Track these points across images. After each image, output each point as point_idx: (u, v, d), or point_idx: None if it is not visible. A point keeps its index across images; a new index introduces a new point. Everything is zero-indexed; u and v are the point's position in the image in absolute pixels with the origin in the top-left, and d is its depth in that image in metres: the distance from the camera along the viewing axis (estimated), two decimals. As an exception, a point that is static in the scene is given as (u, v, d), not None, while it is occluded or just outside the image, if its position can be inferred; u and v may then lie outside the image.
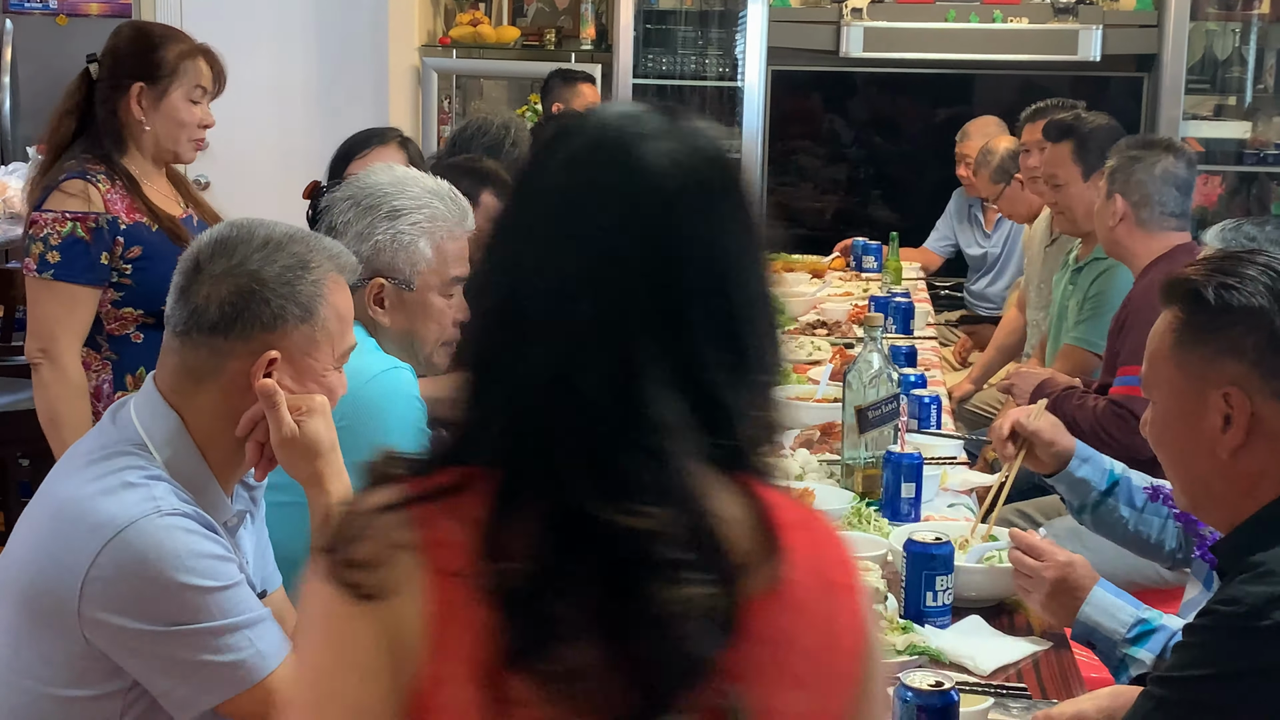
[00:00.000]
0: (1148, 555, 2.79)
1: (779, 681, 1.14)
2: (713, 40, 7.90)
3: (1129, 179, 3.93)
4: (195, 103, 3.50)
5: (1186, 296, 1.88)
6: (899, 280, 5.98)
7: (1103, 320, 4.33)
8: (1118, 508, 2.73)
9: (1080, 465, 2.74)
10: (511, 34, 7.94)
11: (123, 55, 3.47)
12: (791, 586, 1.15)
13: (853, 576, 1.22)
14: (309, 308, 1.96)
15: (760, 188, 7.71)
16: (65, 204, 3.33)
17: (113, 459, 1.91)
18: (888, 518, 2.92)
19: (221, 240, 1.96)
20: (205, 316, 1.92)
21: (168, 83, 3.45)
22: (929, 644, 2.30)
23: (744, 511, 1.15)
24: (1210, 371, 1.85)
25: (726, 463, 1.15)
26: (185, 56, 3.47)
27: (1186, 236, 4.00)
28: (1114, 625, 2.28)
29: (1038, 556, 2.37)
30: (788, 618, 1.15)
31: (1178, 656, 1.75)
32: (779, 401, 1.22)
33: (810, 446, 3.44)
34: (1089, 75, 7.57)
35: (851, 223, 7.60)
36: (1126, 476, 2.74)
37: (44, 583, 1.85)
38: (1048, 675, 2.29)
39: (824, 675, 1.17)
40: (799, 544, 1.17)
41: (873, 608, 1.25)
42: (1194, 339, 1.87)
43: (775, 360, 1.21)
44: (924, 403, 3.62)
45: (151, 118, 3.45)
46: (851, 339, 4.83)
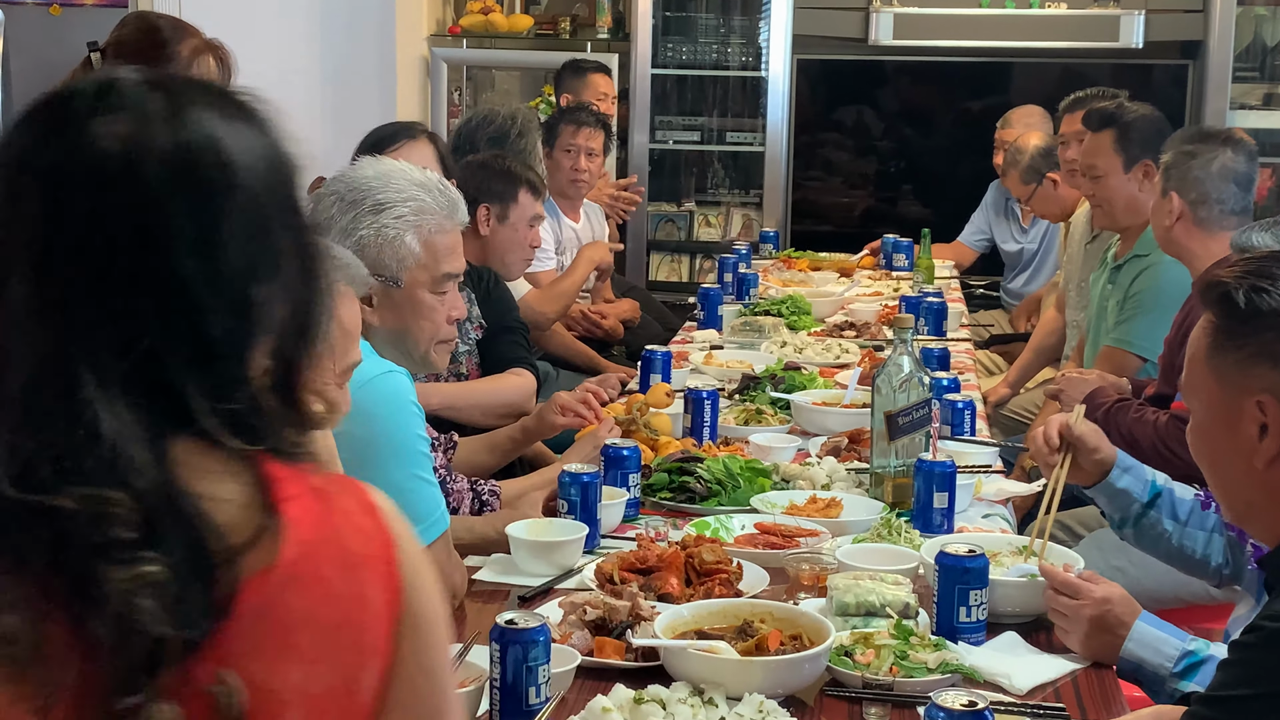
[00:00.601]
0: (1192, 571, 2.78)
1: (280, 659, 1.16)
2: (735, 28, 7.90)
3: (1185, 176, 3.89)
4: None
5: (1219, 300, 1.87)
6: (931, 279, 5.98)
7: (1144, 320, 4.31)
8: (1160, 520, 2.72)
9: (1121, 475, 2.73)
10: (524, 22, 7.95)
11: (130, 48, 3.48)
12: (296, 562, 1.17)
13: (382, 547, 1.23)
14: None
15: (785, 182, 7.71)
16: None
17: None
18: (919, 529, 2.92)
19: None
20: None
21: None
22: (962, 661, 2.30)
23: (237, 489, 1.18)
24: (1244, 378, 1.84)
25: (226, 441, 1.18)
26: (198, 52, 3.47)
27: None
28: (1159, 660, 2.28)
29: (1073, 595, 2.36)
30: (292, 594, 1.17)
31: (1222, 674, 1.75)
32: (298, 384, 1.26)
33: (837, 454, 3.44)
34: (1131, 63, 7.56)
35: (881, 219, 7.59)
36: (1169, 488, 2.73)
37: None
38: (1087, 695, 2.28)
39: (342, 650, 1.18)
40: (309, 518, 1.19)
41: (420, 576, 1.25)
42: (1227, 344, 1.86)
43: (247, 345, 1.22)
44: (957, 408, 3.61)
45: None
46: (881, 341, 4.83)
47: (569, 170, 5.73)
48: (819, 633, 2.29)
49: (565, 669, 2.19)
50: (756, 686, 2.15)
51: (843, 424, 3.67)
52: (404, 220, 2.63)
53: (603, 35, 7.95)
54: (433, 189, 2.69)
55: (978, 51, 7.68)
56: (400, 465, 2.41)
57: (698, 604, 2.42)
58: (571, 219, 5.81)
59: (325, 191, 2.66)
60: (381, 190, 2.63)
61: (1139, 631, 2.31)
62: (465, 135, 5.10)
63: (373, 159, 2.79)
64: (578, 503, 2.85)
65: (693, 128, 7.97)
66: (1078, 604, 2.36)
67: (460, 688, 2.11)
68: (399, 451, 2.43)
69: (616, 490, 3.02)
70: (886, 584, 2.48)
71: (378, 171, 2.68)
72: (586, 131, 5.78)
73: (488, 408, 3.81)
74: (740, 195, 8.12)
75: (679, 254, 8.13)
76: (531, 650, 2.06)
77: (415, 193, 2.65)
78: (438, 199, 2.68)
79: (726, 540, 2.84)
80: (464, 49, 7.92)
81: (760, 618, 2.34)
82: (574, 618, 2.37)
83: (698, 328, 5.14)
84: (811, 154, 8.10)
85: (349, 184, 2.65)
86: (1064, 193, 5.94)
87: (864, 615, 2.42)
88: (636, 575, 2.58)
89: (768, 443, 3.49)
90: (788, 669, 2.21)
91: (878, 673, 2.25)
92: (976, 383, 4.63)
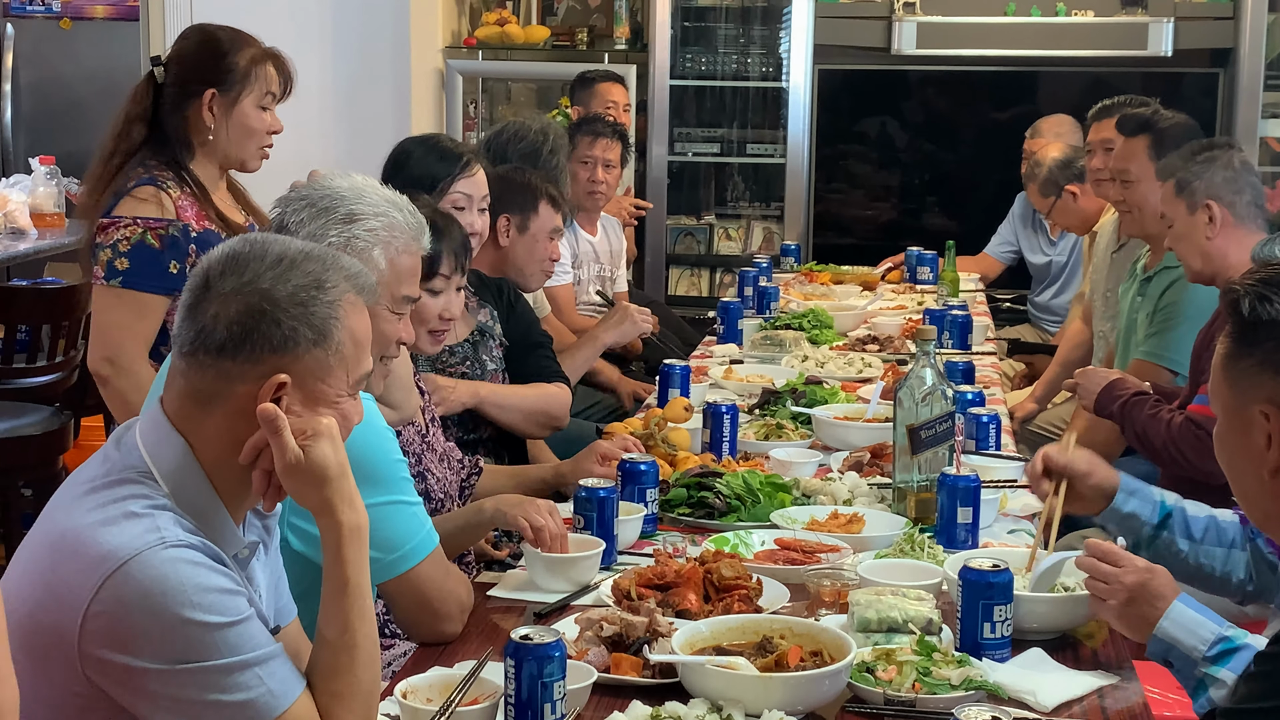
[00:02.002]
0: (1214, 590, 2.77)
1: None
2: (755, 38, 7.91)
3: (1213, 181, 3.88)
4: (265, 109, 3.60)
5: (1231, 307, 1.89)
6: (956, 292, 5.97)
7: (1175, 333, 4.30)
8: (1174, 541, 2.72)
9: (1127, 499, 2.73)
10: (541, 34, 7.97)
11: (191, 60, 3.58)
12: None
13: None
14: (323, 330, 1.96)
15: (807, 195, 7.72)
16: (138, 209, 3.45)
17: (116, 487, 1.92)
18: (942, 544, 2.92)
19: (233, 256, 1.97)
20: (212, 337, 1.93)
21: (240, 89, 3.56)
22: (986, 678, 2.30)
23: None
24: (1251, 387, 1.85)
25: None
26: (256, 62, 3.59)
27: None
28: (1193, 642, 2.27)
29: (1115, 563, 2.36)
30: None
31: (1248, 687, 1.75)
32: None
33: (859, 469, 3.44)
34: (1160, 71, 7.54)
35: (905, 232, 7.58)
36: (1180, 507, 2.73)
37: (43, 618, 1.86)
38: (1115, 711, 2.28)
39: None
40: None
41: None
42: (1237, 352, 1.87)
43: None
44: (982, 422, 3.61)
45: (222, 125, 3.56)
46: (904, 355, 4.83)
47: (586, 182, 5.74)
48: (840, 649, 2.29)
49: (581, 685, 2.20)
50: (776, 703, 2.16)
51: (865, 439, 3.67)
52: (375, 234, 2.61)
53: (620, 46, 7.97)
54: (404, 208, 2.67)
55: (1003, 61, 7.68)
56: (375, 492, 2.40)
57: (716, 620, 2.42)
58: (589, 232, 5.82)
59: (294, 196, 2.66)
60: (355, 201, 2.62)
61: (1176, 611, 2.30)
62: (496, 149, 5.11)
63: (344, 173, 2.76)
64: (594, 518, 2.86)
65: (712, 139, 7.98)
66: (1120, 570, 2.35)
67: (473, 704, 2.11)
68: (374, 478, 2.44)
69: (634, 506, 3.03)
70: (909, 600, 2.48)
71: (351, 185, 2.67)
72: (604, 143, 5.79)
73: (530, 413, 3.84)
74: (761, 208, 8.13)
75: (699, 268, 8.14)
76: (547, 666, 2.07)
77: (387, 209, 2.64)
78: (408, 219, 2.66)
79: (746, 556, 2.84)
80: (479, 61, 7.95)
81: (780, 634, 2.35)
82: (590, 634, 2.38)
83: (717, 342, 5.14)
84: (833, 166, 8.10)
85: (321, 191, 2.64)
86: (1084, 204, 5.93)
87: (886, 631, 2.43)
88: (654, 591, 2.58)
89: (788, 458, 3.50)
90: (808, 685, 2.21)
91: (900, 689, 2.25)
92: (1002, 397, 4.62)
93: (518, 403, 3.81)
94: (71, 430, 5.04)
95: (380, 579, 2.46)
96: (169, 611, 1.83)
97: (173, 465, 1.94)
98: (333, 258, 2.02)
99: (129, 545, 1.84)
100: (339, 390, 1.99)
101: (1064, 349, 5.73)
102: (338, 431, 1.98)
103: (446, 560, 2.59)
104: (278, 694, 1.89)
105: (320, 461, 1.94)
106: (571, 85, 6.93)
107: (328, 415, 1.97)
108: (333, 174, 2.73)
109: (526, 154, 5.07)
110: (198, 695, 1.85)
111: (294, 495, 1.96)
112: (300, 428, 1.93)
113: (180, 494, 1.93)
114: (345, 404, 2.01)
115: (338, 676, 1.95)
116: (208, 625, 1.84)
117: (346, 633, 1.96)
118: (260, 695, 1.87)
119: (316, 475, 1.94)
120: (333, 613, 1.97)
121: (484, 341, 3.86)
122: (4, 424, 4.85)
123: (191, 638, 1.83)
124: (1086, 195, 5.88)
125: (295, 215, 2.60)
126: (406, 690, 2.16)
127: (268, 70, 3.60)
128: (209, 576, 1.86)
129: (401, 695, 2.14)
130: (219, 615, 1.85)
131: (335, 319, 1.96)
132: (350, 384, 2.01)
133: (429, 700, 2.15)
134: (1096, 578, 2.39)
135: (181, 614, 1.83)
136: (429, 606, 2.53)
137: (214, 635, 1.84)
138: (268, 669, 1.89)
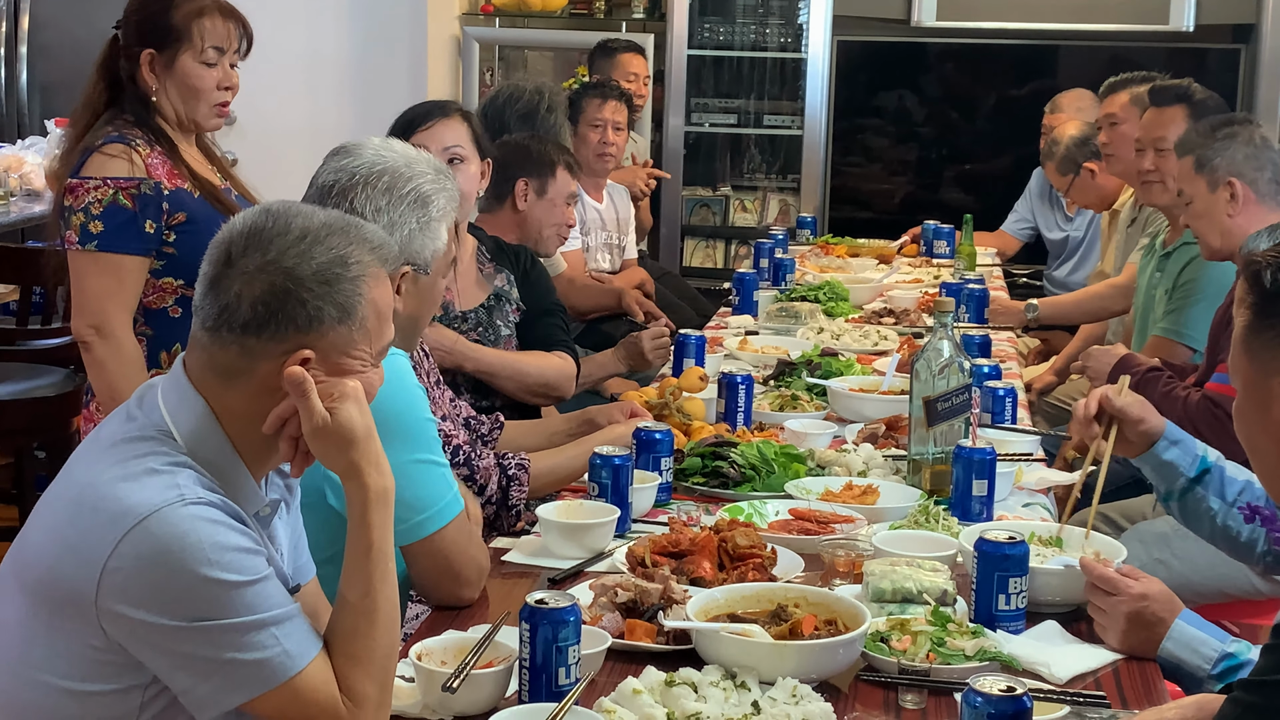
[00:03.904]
0: (1236, 554, 2.78)
1: None
2: (774, 8, 7.89)
3: (1234, 158, 3.86)
4: (210, 64, 3.48)
5: (1252, 279, 1.88)
6: (972, 266, 5.97)
7: (1193, 310, 4.29)
8: (1206, 497, 2.72)
9: (1169, 448, 2.73)
10: (558, 1, 7.96)
11: (132, 20, 3.49)
12: None
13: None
14: (347, 308, 1.96)
15: (824, 167, 7.71)
16: (106, 168, 3.36)
17: (136, 444, 1.93)
18: (957, 516, 2.92)
19: (256, 231, 1.96)
20: (236, 315, 1.93)
21: (176, 47, 3.45)
22: (1000, 649, 2.30)
23: None
24: (1272, 359, 1.85)
25: None
26: (193, 16, 3.45)
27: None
28: (1198, 661, 2.29)
29: (1111, 590, 2.37)
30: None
31: (1266, 660, 1.75)
32: None
33: (874, 441, 3.44)
34: (1182, 47, 7.52)
35: (922, 206, 7.57)
36: (1220, 466, 2.73)
37: (61, 572, 1.87)
38: (1129, 684, 2.29)
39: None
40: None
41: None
42: (1258, 325, 1.87)
43: None
44: (998, 395, 3.61)
45: (164, 85, 3.46)
46: (920, 328, 4.83)
47: (596, 144, 5.74)
48: (854, 618, 2.30)
49: (596, 650, 2.21)
50: (790, 671, 2.17)
51: (880, 411, 3.67)
52: (442, 211, 2.67)
53: (638, 15, 7.96)
54: (447, 173, 2.73)
55: (1023, 34, 7.66)
56: (405, 449, 2.41)
57: (731, 587, 2.43)
58: (595, 199, 5.82)
59: (345, 179, 2.65)
60: (417, 179, 2.65)
61: (1178, 631, 2.31)
62: (493, 112, 5.12)
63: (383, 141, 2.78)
64: (609, 486, 2.87)
65: (729, 110, 7.97)
66: (1115, 599, 2.36)
67: (487, 668, 2.12)
68: (403, 434, 2.44)
69: (648, 474, 3.03)
70: (924, 571, 2.49)
71: (403, 157, 2.69)
72: (612, 104, 5.79)
73: (527, 383, 3.82)
74: (777, 180, 8.12)
75: (714, 239, 8.14)
76: (562, 630, 2.08)
77: (444, 182, 2.70)
78: (455, 185, 2.73)
79: (760, 525, 2.85)
80: (496, 28, 7.94)
81: (795, 602, 2.35)
82: (605, 600, 2.39)
83: (732, 313, 5.14)
84: (851, 139, 8.08)
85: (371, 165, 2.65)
86: (1103, 181, 5.92)
87: (900, 602, 2.43)
88: (669, 559, 2.59)
89: (803, 429, 3.50)
90: (822, 653, 2.22)
91: (914, 659, 2.26)
92: (1018, 371, 4.62)
93: (516, 370, 3.79)
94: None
95: (404, 541, 2.47)
96: (187, 569, 1.84)
97: (193, 425, 1.95)
98: (355, 228, 2.01)
99: (149, 501, 1.85)
100: (363, 362, 2.00)
101: (1084, 324, 5.72)
102: (364, 395, 1.99)
103: (470, 526, 2.59)
104: (294, 654, 1.90)
105: (347, 424, 1.95)
106: (591, 53, 6.92)
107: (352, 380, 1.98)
108: (368, 142, 2.73)
109: (524, 114, 5.08)
110: (213, 653, 1.86)
111: (321, 458, 1.97)
112: (326, 391, 1.94)
113: (200, 453, 1.94)
114: (370, 374, 2.01)
115: (356, 639, 1.96)
116: (225, 583, 1.85)
117: (368, 596, 1.97)
118: (276, 655, 1.88)
119: (344, 437, 1.95)
120: (356, 575, 1.98)
121: (499, 306, 3.87)
122: (19, 385, 4.86)
123: (209, 595, 1.84)
124: (1104, 173, 5.87)
125: (370, 203, 2.61)
126: (421, 653, 2.17)
127: (209, 23, 3.46)
128: (228, 535, 1.87)
129: (416, 658, 2.15)
130: (237, 574, 1.86)
131: (359, 294, 1.97)
132: (374, 355, 2.02)
133: (443, 663, 2.16)
134: (1095, 604, 2.40)
135: (199, 571, 1.84)
136: (450, 571, 2.53)
137: (231, 593, 1.85)
138: (284, 629, 1.90)
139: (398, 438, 2.07)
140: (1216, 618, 2.69)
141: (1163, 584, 2.39)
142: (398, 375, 2.50)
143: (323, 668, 1.93)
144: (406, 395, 2.53)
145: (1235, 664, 2.26)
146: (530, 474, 2.99)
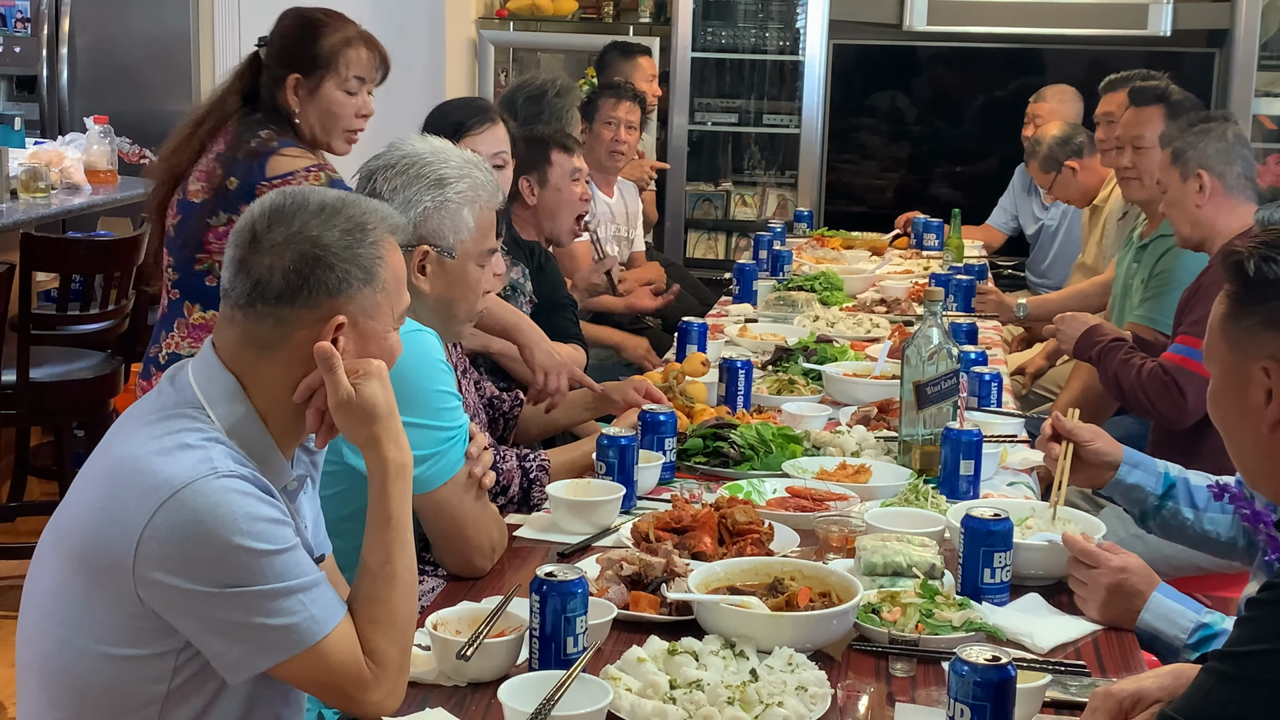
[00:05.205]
0: (1222, 555, 2.78)
1: None
2: (773, 13, 7.88)
3: (1206, 151, 3.86)
4: (352, 94, 3.50)
5: (1233, 268, 1.87)
6: (960, 258, 5.96)
7: (1168, 298, 4.28)
8: (1179, 510, 2.72)
9: (1130, 471, 2.73)
10: (569, 6, 7.95)
11: (280, 43, 3.51)
12: None
13: None
14: (370, 270, 1.98)
15: (820, 164, 7.70)
16: (296, 163, 3.37)
17: (171, 420, 1.93)
18: (946, 495, 2.92)
19: (277, 209, 1.98)
20: (270, 287, 1.94)
21: (322, 74, 3.47)
22: (986, 621, 2.30)
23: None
24: (1252, 345, 1.84)
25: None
26: (340, 47, 3.48)
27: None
28: (1174, 632, 2.29)
29: (1091, 563, 2.37)
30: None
31: (1239, 631, 1.74)
32: None
33: (867, 423, 3.44)
34: (1159, 50, 7.51)
35: (912, 201, 7.57)
36: (1183, 477, 2.74)
37: (99, 541, 1.88)
38: (1108, 653, 2.28)
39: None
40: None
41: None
42: (1239, 312, 1.86)
43: None
44: (984, 380, 3.61)
45: (305, 108, 3.47)
46: (910, 317, 4.82)
47: (609, 142, 5.73)
48: (847, 591, 2.30)
49: (602, 621, 2.20)
50: (787, 640, 2.17)
51: (872, 395, 3.67)
52: (463, 195, 2.67)
53: (644, 19, 7.95)
54: (482, 166, 2.74)
55: (1009, 38, 7.66)
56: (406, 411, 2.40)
57: (730, 561, 2.43)
58: (606, 194, 5.81)
59: (379, 165, 2.68)
60: (441, 165, 2.68)
61: (1155, 602, 2.31)
62: (505, 102, 5.12)
63: (420, 136, 2.81)
64: (615, 465, 2.87)
65: (731, 110, 7.96)
66: (1095, 572, 2.36)
67: (499, 636, 2.13)
68: (408, 398, 2.42)
69: (653, 454, 3.03)
70: (913, 546, 2.48)
71: (431, 148, 2.72)
72: (626, 104, 5.78)
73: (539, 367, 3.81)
74: (776, 176, 8.11)
75: (716, 232, 8.14)
76: (570, 601, 2.08)
77: (470, 169, 2.71)
78: (486, 177, 2.73)
79: (758, 503, 2.85)
80: (510, 31, 7.94)
81: (791, 575, 2.35)
82: (611, 573, 2.39)
83: (733, 302, 5.14)
84: (846, 137, 8.08)
85: (405, 157, 2.68)
86: (1084, 178, 5.92)
87: (891, 575, 2.43)
88: (671, 534, 2.59)
89: (800, 411, 3.50)
90: (817, 624, 2.22)
91: (904, 630, 2.26)
92: (1004, 357, 4.62)
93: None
94: (122, 375, 5.05)
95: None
96: (220, 537, 1.84)
97: (225, 402, 1.96)
98: (366, 202, 2.05)
99: (183, 474, 1.86)
100: (386, 326, 2.02)
101: (1075, 307, 5.69)
102: (387, 374, 2.00)
103: (477, 493, 2.58)
104: (320, 619, 1.90)
105: (370, 399, 1.96)
106: (604, 54, 6.89)
107: (380, 357, 2.00)
108: (408, 138, 2.75)
109: (532, 95, 5.06)
110: (244, 618, 1.86)
111: (344, 431, 1.99)
112: (352, 367, 1.97)
113: (232, 429, 1.95)
114: (392, 338, 2.04)
115: (377, 604, 1.97)
116: (255, 552, 1.85)
117: (388, 563, 1.98)
118: (303, 620, 1.89)
119: (366, 412, 1.97)
120: (376, 544, 1.99)
121: (514, 297, 3.86)
122: (59, 368, 4.86)
123: (240, 563, 1.85)
124: (1085, 170, 5.88)
125: (388, 184, 2.65)
126: (437, 622, 2.17)
127: (355, 54, 3.50)
128: (258, 506, 1.88)
129: (432, 627, 2.15)
130: (266, 543, 1.86)
131: (380, 258, 1.99)
132: (394, 319, 2.04)
133: (458, 632, 2.16)
134: (1076, 578, 2.40)
135: (231, 540, 1.84)
136: (461, 533, 2.53)
137: (261, 561, 1.86)
138: (311, 595, 1.90)
139: (403, 399, 2.07)
140: (1190, 590, 2.68)
141: (1140, 558, 2.39)
142: (422, 348, 2.51)
143: (347, 632, 1.93)
144: (422, 367, 2.52)
145: (1210, 634, 2.25)
146: (550, 473, 2.99)
